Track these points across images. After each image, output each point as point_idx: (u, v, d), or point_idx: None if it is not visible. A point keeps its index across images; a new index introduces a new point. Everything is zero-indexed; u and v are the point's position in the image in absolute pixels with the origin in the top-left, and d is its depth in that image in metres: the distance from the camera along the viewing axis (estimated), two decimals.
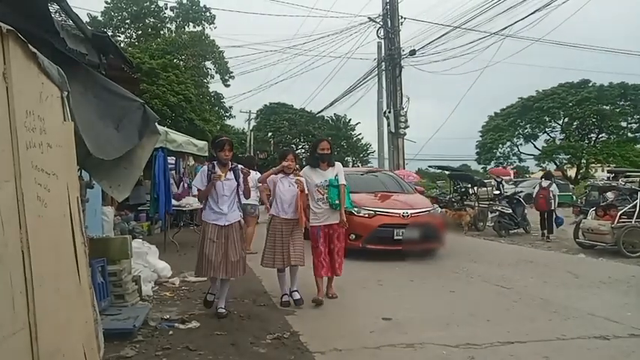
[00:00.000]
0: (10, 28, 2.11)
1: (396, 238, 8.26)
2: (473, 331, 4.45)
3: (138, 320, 4.35)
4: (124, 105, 4.34)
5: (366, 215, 8.46)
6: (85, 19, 25.89)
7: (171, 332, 4.42)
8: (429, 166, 13.78)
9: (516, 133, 40.92)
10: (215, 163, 4.93)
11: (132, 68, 5.46)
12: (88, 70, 4.12)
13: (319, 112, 30.95)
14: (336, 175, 5.50)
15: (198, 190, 4.95)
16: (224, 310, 4.87)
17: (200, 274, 5.00)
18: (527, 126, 40.34)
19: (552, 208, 11.72)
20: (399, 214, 8.47)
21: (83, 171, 4.12)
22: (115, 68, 4.84)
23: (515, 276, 7.02)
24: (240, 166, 5.09)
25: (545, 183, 11.94)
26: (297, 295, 5.29)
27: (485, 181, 16.18)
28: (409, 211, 8.52)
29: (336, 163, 5.66)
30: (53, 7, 3.82)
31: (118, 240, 5.47)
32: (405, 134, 17.62)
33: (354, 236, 8.14)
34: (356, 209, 8.06)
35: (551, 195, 11.61)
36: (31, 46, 2.35)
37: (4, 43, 2.10)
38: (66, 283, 2.56)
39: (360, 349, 4.01)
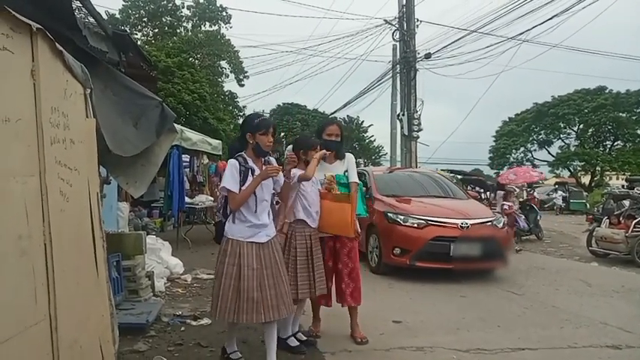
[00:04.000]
0: (39, 26, 2.17)
1: (453, 254, 6.78)
2: (483, 336, 4.45)
3: (151, 315, 4.42)
4: (142, 103, 4.40)
5: (415, 225, 7.02)
6: (104, 16, 26.22)
7: (183, 328, 4.48)
8: (442, 170, 13.68)
9: (530, 138, 40.60)
10: (245, 155, 3.50)
11: (150, 66, 5.53)
12: (108, 68, 4.19)
13: (332, 113, 30.85)
14: (346, 171, 4.24)
15: (230, 192, 3.38)
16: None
17: (236, 320, 3.36)
18: (542, 132, 39.99)
19: None
20: (457, 224, 6.96)
21: (101, 167, 4.19)
22: (133, 66, 4.91)
23: (527, 282, 6.98)
24: (272, 158, 3.65)
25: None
26: (303, 336, 4.14)
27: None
28: (468, 222, 7.01)
29: (347, 155, 4.35)
30: (75, 5, 3.89)
31: (132, 236, 5.55)
32: (418, 137, 17.55)
33: (399, 251, 6.97)
34: (402, 217, 7.13)
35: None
36: (57, 44, 2.41)
37: (33, 40, 2.16)
38: (85, 277, 2.61)
39: (369, 351, 4.04)
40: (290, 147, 4.31)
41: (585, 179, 38.39)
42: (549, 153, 40.39)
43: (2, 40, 1.92)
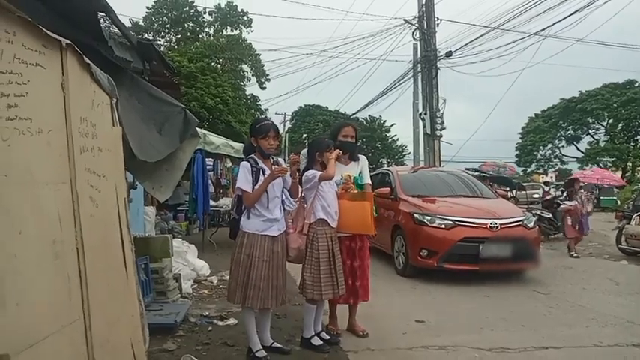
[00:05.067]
0: (68, 42, 2.29)
1: (482, 255, 6.65)
2: (507, 335, 4.44)
3: (179, 316, 4.54)
4: (166, 110, 4.54)
5: (443, 226, 6.89)
6: (128, 24, 26.75)
7: (210, 328, 4.60)
8: (466, 169, 13.53)
9: (558, 135, 39.91)
10: (255, 157, 3.84)
11: (174, 74, 5.68)
12: (132, 77, 4.33)
13: (354, 114, 30.91)
14: (360, 173, 4.40)
15: (244, 191, 3.71)
16: (282, 346, 4.02)
17: (243, 303, 3.72)
18: (570, 128, 39.27)
19: None
20: (486, 224, 6.82)
21: (127, 172, 4.33)
22: (157, 74, 5.05)
23: (553, 282, 6.90)
24: (280, 159, 4.04)
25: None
26: (326, 335, 4.20)
27: (526, 185, 15.89)
28: (498, 222, 6.87)
29: (361, 156, 4.50)
30: (100, 15, 4.04)
31: (159, 239, 5.71)
32: (441, 136, 17.46)
33: (426, 252, 6.82)
34: (428, 218, 7.02)
35: None
36: (85, 58, 2.53)
37: (62, 55, 2.28)
38: (115, 279, 2.73)
39: (392, 350, 4.08)
40: (304, 151, 4.46)
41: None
42: (578, 149, 39.64)
43: (35, 56, 2.04)
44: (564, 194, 11.67)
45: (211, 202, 10.31)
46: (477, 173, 16.10)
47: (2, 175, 1.81)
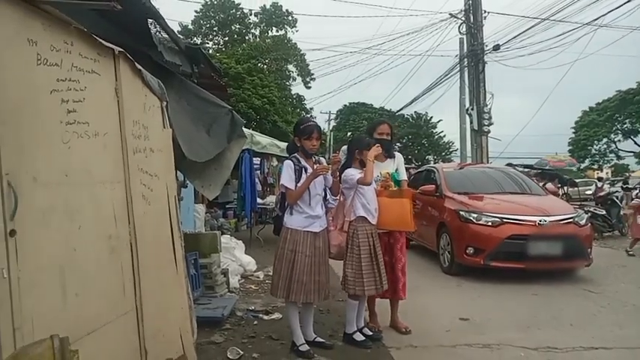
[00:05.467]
0: (120, 50, 2.45)
1: (531, 253, 6.50)
2: (555, 334, 4.34)
3: (226, 310, 4.70)
4: (213, 111, 4.71)
5: (489, 223, 6.74)
6: (177, 28, 27.60)
7: (255, 322, 4.73)
8: (510, 164, 13.12)
9: (614, 128, 38.11)
10: (298, 155, 3.95)
11: (220, 76, 5.87)
12: (181, 80, 4.53)
13: (399, 111, 30.71)
14: (397, 169, 4.50)
15: (288, 189, 3.81)
16: (325, 341, 4.09)
17: (286, 297, 3.83)
18: (627, 121, 37.37)
19: None
20: (535, 221, 6.64)
21: (178, 172, 4.53)
22: (205, 76, 5.24)
23: (605, 280, 6.65)
24: (322, 158, 4.12)
25: None
26: (369, 331, 4.26)
27: (580, 181, 15.29)
28: (547, 219, 6.67)
29: (397, 154, 4.58)
30: (151, 21, 4.23)
31: (208, 235, 5.92)
32: (489, 132, 17.08)
33: (472, 250, 6.73)
34: (475, 215, 6.89)
35: None
36: (137, 64, 2.69)
37: (116, 62, 2.44)
38: (165, 273, 2.89)
39: (435, 347, 4.07)
40: (344, 147, 4.53)
41: None
42: (635, 143, 37.68)
43: (91, 64, 2.20)
44: (623, 191, 11.19)
45: (258, 200, 10.54)
46: (527, 170, 15.58)
47: (63, 174, 1.97)
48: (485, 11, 16.57)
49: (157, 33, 4.27)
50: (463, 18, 16.77)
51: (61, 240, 1.92)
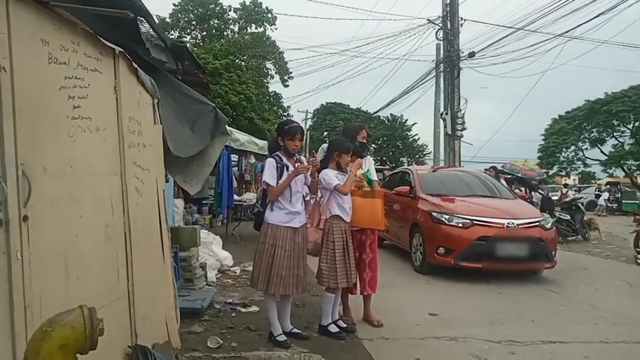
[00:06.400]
0: (120, 49, 2.58)
1: (499, 254, 6.81)
2: (517, 330, 4.62)
3: (205, 302, 4.84)
4: (198, 108, 4.84)
5: (460, 225, 7.00)
6: (155, 21, 27.29)
7: (233, 314, 4.89)
8: (485, 169, 13.55)
9: (582, 137, 39.20)
10: (280, 154, 4.13)
11: (204, 74, 5.98)
12: (167, 77, 4.63)
13: (375, 113, 31.04)
14: (367, 170, 4.78)
15: (269, 185, 3.99)
16: (301, 332, 4.29)
17: (266, 290, 4.01)
18: (594, 130, 38.51)
19: None
20: (503, 224, 6.94)
21: None
22: (188, 73, 5.34)
23: (567, 282, 7.02)
24: (302, 157, 4.35)
25: None
26: (343, 324, 4.48)
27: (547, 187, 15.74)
28: (515, 222, 6.98)
29: (367, 157, 4.94)
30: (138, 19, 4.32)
31: (188, 229, 6.04)
32: (461, 136, 17.51)
33: (443, 250, 6.98)
34: (446, 217, 7.15)
35: None
36: (133, 63, 2.82)
37: (115, 61, 2.58)
38: (154, 262, 3.03)
39: (405, 339, 4.31)
40: (324, 145, 4.78)
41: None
42: (602, 152, 38.95)
43: (94, 63, 2.34)
44: (601, 196, 11.65)
45: (235, 197, 10.63)
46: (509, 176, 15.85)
47: (68, 166, 2.11)
48: (462, 18, 16.96)
49: (146, 31, 4.37)
50: (440, 24, 17.15)
51: (65, 227, 2.05)
